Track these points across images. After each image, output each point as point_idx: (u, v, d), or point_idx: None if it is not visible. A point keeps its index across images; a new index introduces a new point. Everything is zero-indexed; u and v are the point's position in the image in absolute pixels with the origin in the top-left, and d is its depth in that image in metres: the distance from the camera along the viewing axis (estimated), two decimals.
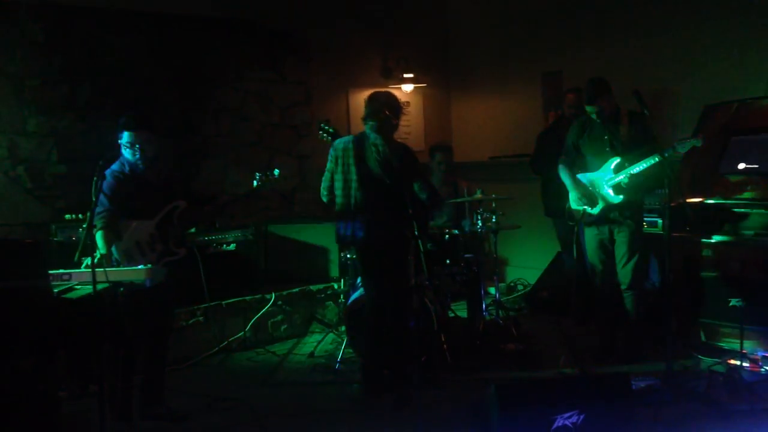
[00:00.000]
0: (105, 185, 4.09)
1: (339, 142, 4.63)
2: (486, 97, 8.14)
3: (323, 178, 4.69)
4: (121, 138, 4.12)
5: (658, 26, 6.33)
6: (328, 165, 4.64)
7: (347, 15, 7.59)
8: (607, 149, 4.84)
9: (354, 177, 4.49)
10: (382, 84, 7.93)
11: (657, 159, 4.50)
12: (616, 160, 4.80)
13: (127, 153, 4.13)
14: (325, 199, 4.69)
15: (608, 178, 4.84)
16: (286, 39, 7.34)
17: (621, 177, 4.75)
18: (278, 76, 7.32)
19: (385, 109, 4.46)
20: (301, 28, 7.39)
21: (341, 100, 7.74)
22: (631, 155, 4.73)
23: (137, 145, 4.09)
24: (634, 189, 4.79)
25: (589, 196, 4.91)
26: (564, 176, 5.07)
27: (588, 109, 4.83)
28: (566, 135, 5.17)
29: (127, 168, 4.17)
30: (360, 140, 4.53)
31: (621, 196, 4.80)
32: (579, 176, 5.01)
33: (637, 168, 4.66)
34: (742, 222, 4.84)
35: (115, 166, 4.16)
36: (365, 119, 4.54)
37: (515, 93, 7.79)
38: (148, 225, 4.14)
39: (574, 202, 5.02)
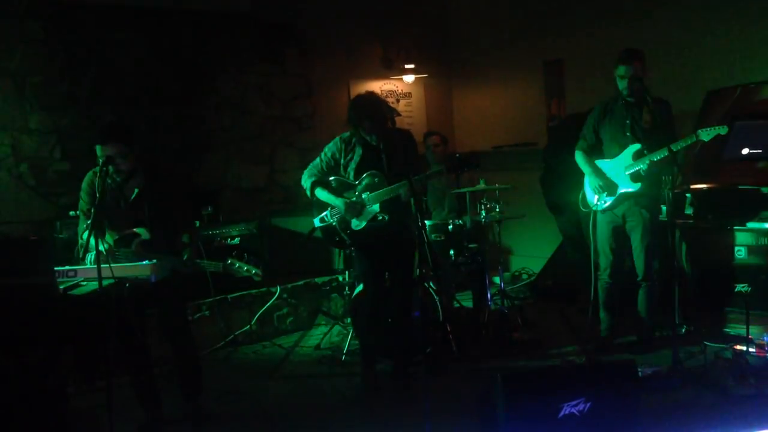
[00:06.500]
0: (83, 183, 3.99)
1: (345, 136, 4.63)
2: (488, 87, 8.12)
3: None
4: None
5: (660, 12, 6.30)
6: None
7: (347, 6, 7.57)
8: (628, 134, 4.72)
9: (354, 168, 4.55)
10: (383, 75, 7.92)
11: (667, 152, 4.41)
12: (636, 147, 4.68)
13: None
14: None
15: (627, 165, 4.71)
16: (287, 32, 7.33)
17: (640, 165, 4.63)
18: (279, 69, 7.31)
19: (365, 116, 4.35)
20: (301, 20, 7.38)
21: (342, 92, 7.72)
22: (651, 143, 4.61)
23: (109, 158, 3.79)
24: (651, 177, 4.68)
25: (608, 184, 4.80)
26: (582, 163, 4.96)
27: (620, 70, 4.65)
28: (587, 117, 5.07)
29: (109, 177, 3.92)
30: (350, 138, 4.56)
31: (638, 184, 4.69)
32: (597, 162, 4.89)
33: (657, 156, 4.53)
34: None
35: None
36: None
37: (517, 82, 7.77)
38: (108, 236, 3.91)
39: (592, 189, 4.90)
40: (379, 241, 4.54)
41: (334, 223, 4.64)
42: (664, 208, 4.86)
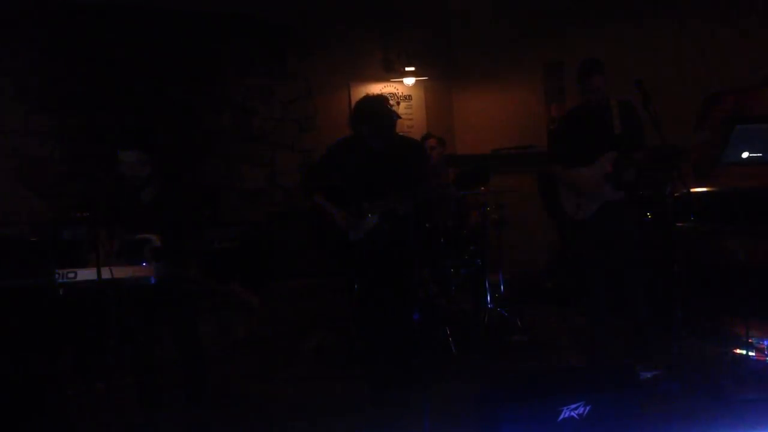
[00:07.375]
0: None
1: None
2: (488, 90, 8.12)
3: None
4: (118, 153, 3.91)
5: (660, 14, 6.31)
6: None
7: (348, 8, 7.58)
8: (601, 142, 4.64)
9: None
10: (383, 77, 7.93)
11: (660, 151, 4.41)
12: (611, 155, 4.60)
13: (122, 169, 3.93)
14: None
15: (605, 173, 4.63)
16: (287, 33, 7.34)
17: (619, 171, 4.57)
18: (279, 71, 7.32)
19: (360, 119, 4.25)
20: (301, 22, 7.38)
21: (343, 94, 7.73)
22: (626, 148, 4.56)
23: (129, 164, 3.88)
24: (632, 183, 4.64)
25: (590, 193, 4.69)
26: (556, 176, 4.87)
27: (581, 84, 4.61)
28: (554, 129, 5.04)
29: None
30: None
31: (621, 192, 4.65)
32: (573, 171, 4.79)
33: (636, 162, 4.49)
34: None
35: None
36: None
37: (517, 84, 7.77)
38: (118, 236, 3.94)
39: (574, 198, 4.81)
40: (379, 253, 4.34)
41: (331, 233, 4.42)
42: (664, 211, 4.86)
